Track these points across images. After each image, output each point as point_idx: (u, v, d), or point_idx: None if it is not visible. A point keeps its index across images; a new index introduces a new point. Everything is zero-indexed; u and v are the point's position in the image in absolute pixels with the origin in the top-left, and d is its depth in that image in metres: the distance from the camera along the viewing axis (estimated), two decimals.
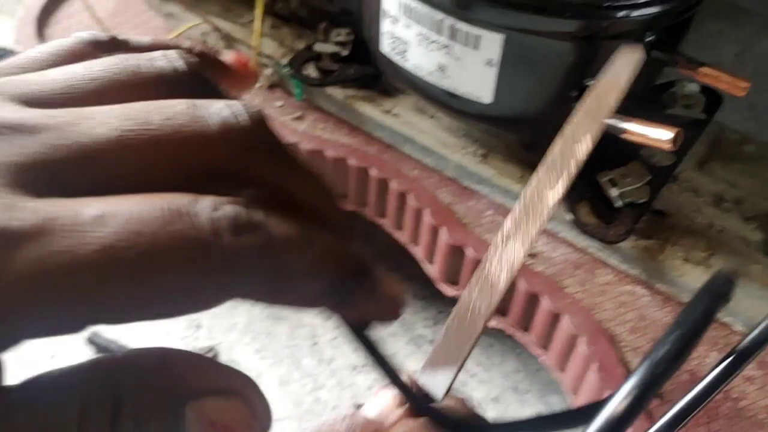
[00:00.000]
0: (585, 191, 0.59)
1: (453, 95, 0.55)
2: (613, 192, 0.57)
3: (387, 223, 0.67)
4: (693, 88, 0.61)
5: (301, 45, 0.71)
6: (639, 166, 0.57)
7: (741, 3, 0.63)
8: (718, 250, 0.58)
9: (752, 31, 0.93)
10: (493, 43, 0.50)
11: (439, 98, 0.57)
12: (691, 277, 0.56)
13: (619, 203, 0.57)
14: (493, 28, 0.49)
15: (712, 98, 0.62)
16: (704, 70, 0.48)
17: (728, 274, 0.25)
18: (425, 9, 0.51)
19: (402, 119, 0.66)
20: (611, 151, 0.58)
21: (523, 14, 0.48)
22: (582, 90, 0.52)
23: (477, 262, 0.59)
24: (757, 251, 0.59)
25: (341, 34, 0.68)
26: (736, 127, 0.96)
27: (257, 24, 0.67)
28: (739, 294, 0.55)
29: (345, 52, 0.67)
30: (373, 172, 0.64)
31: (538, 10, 0.47)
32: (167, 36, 0.75)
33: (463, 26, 0.50)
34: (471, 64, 0.52)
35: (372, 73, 0.67)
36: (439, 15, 0.51)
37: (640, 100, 0.57)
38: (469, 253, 0.59)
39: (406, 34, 0.54)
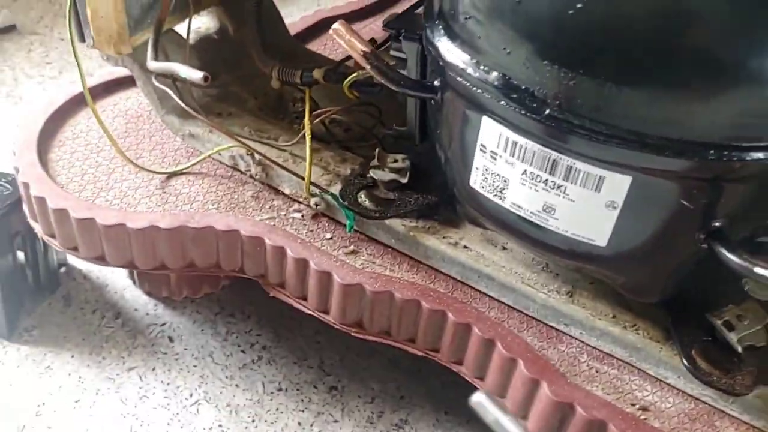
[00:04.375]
0: (698, 335, 0.53)
1: (558, 235, 0.49)
2: (732, 337, 0.51)
3: (465, 371, 0.59)
4: None
5: (345, 170, 0.64)
6: (756, 307, 0.52)
7: None
8: None
9: None
10: (618, 185, 0.45)
11: (537, 238, 0.51)
12: None
13: (739, 348, 0.51)
14: (621, 170, 0.44)
15: None
16: None
17: None
18: (536, 147, 0.46)
19: (473, 252, 0.59)
20: (720, 288, 0.53)
21: (660, 155, 0.42)
22: (710, 233, 0.46)
23: (588, 423, 0.51)
24: None
25: (398, 160, 0.62)
26: None
27: (308, 152, 0.60)
28: None
29: (403, 180, 0.61)
30: (452, 316, 0.56)
31: (677, 152, 0.42)
32: (187, 161, 0.67)
33: (583, 166, 0.45)
34: (588, 206, 0.46)
35: (434, 202, 0.60)
36: (553, 154, 0.45)
37: None
38: (579, 413, 0.51)
39: (507, 172, 0.48)
